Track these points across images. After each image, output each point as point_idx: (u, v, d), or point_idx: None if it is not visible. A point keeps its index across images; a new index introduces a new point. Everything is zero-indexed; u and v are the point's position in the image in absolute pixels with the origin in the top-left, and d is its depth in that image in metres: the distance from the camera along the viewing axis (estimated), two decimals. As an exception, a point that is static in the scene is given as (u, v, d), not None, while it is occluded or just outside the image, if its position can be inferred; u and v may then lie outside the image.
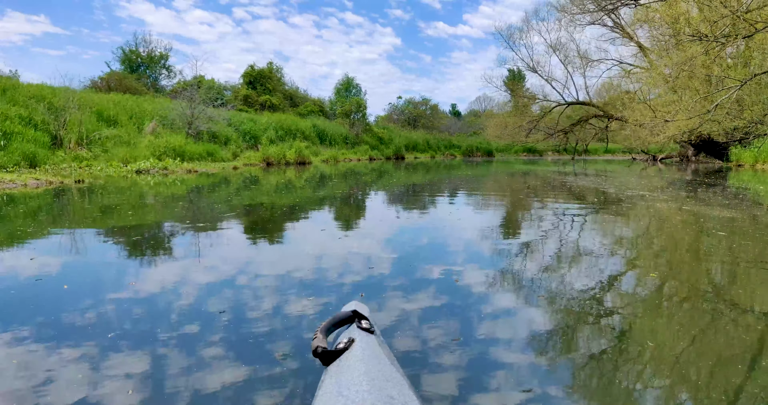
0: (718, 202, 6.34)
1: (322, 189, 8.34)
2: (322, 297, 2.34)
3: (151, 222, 4.78)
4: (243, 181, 9.55)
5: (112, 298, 2.29)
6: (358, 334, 1.38)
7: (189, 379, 1.53)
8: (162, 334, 1.88)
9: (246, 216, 5.23)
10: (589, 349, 1.81)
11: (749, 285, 2.68)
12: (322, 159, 20.64)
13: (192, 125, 15.47)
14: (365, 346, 1.28)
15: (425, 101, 43.16)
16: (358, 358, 1.18)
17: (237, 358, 1.68)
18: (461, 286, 2.57)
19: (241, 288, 2.49)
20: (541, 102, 25.02)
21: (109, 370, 1.58)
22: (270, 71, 38.89)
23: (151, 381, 1.51)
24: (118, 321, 2.01)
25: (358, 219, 5.23)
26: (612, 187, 9.13)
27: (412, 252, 3.42)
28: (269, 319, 2.05)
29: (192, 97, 15.81)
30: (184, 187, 8.39)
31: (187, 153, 13.62)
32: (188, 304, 2.23)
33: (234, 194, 7.25)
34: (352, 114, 31.75)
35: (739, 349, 1.79)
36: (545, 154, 44.51)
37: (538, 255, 3.36)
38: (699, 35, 8.70)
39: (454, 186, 10.01)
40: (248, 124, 21.41)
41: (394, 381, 1.09)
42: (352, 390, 1.01)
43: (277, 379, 1.54)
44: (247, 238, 3.98)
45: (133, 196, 6.72)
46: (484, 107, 73.08)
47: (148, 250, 3.36)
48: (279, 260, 3.14)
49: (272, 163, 16.17)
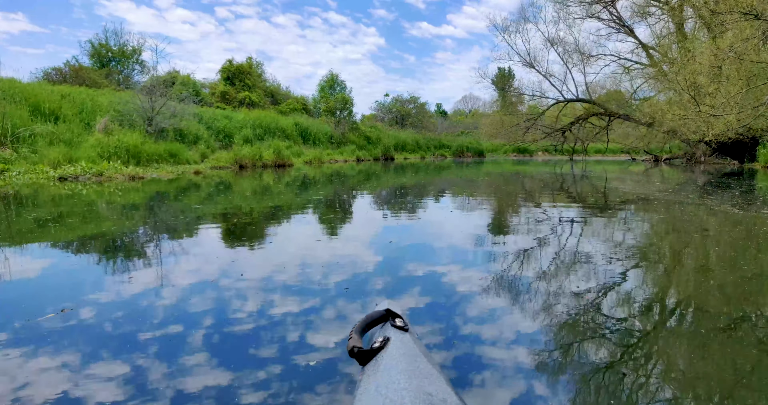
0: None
1: (310, 210, 6.47)
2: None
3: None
4: (198, 193, 7.38)
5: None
6: (393, 332, 1.39)
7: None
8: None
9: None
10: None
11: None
12: (304, 160, 18.66)
13: (152, 122, 13.39)
14: (401, 344, 1.28)
15: (413, 99, 41.45)
16: (394, 357, 1.19)
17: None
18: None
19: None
20: (538, 99, 23.48)
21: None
22: (249, 67, 36.78)
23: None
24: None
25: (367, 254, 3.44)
26: (643, 192, 7.49)
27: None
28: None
29: (152, 89, 13.72)
30: (102, 202, 6.45)
31: (143, 154, 11.57)
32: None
33: (156, 221, 4.76)
34: (338, 111, 29.85)
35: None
36: (536, 154, 43.52)
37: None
38: (754, 12, 7.20)
39: (457, 191, 8.29)
40: (222, 122, 19.34)
41: (431, 378, 1.10)
42: (390, 388, 1.01)
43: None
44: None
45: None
46: (470, 107, 72.29)
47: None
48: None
49: (246, 165, 14.11)
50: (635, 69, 23.67)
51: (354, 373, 1.45)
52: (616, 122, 23.29)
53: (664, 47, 22.37)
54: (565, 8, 23.02)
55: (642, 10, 22.34)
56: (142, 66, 36.02)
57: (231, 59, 36.41)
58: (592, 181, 11.31)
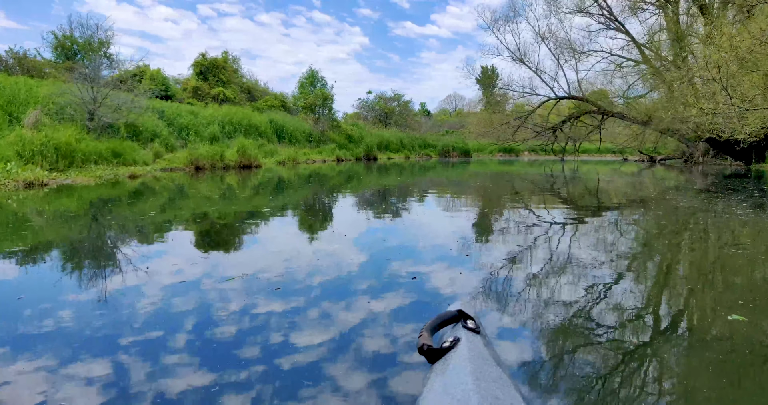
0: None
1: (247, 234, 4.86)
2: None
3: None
4: (106, 211, 5.42)
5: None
6: (464, 333, 1.38)
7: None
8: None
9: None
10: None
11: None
12: (277, 160, 16.91)
13: (94, 116, 11.52)
14: (471, 346, 1.27)
15: (397, 97, 39.93)
16: (463, 357, 1.18)
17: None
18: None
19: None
20: (528, 97, 22.21)
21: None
22: (225, 61, 34.78)
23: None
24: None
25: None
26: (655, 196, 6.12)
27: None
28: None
29: (94, 76, 11.85)
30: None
31: (78, 154, 9.75)
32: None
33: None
34: (317, 108, 28.12)
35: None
36: (521, 154, 42.74)
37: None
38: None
39: (452, 197, 6.81)
40: (186, 118, 17.49)
41: (500, 381, 1.08)
42: (457, 388, 1.00)
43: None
44: None
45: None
46: (455, 106, 71.35)
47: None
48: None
49: (203, 166, 12.28)
50: (627, 66, 22.75)
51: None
52: (608, 121, 22.25)
53: (656, 44, 21.51)
54: (555, 2, 21.92)
55: (634, 5, 21.37)
56: (110, 60, 33.97)
57: (204, 53, 34.33)
58: (594, 185, 9.97)
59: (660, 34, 22.64)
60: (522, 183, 10.67)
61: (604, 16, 22.39)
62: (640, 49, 22.03)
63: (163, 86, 30.54)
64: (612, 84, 22.80)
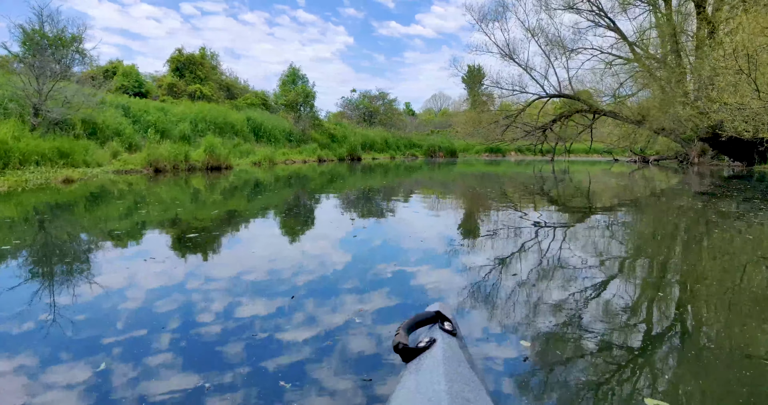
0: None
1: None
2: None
3: None
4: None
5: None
6: (440, 334, 1.36)
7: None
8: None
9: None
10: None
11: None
12: (252, 161, 15.70)
13: (39, 111, 10.22)
14: (446, 347, 1.26)
15: (382, 95, 38.89)
16: (438, 358, 1.18)
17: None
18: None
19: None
20: (518, 95, 21.42)
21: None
22: (202, 57, 33.30)
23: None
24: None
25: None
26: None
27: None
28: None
29: (41, 66, 10.54)
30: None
31: (15, 153, 8.49)
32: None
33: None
34: (299, 105, 26.89)
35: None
36: (508, 154, 42.28)
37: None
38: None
39: (438, 198, 5.83)
40: (154, 115, 16.17)
41: (472, 384, 1.08)
42: (429, 388, 1.00)
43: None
44: None
45: None
46: (440, 106, 70.73)
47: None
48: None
49: (164, 168, 11.02)
50: (617, 64, 22.20)
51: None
52: (598, 121, 21.63)
53: (646, 42, 21.01)
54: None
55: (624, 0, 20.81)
56: (82, 55, 32.36)
57: (180, 48, 32.78)
58: (604, 191, 9.11)
59: (650, 32, 22.26)
60: (513, 185, 9.76)
61: (593, 13, 21.86)
62: (631, 47, 21.53)
63: (136, 82, 29.07)
64: (602, 82, 22.28)
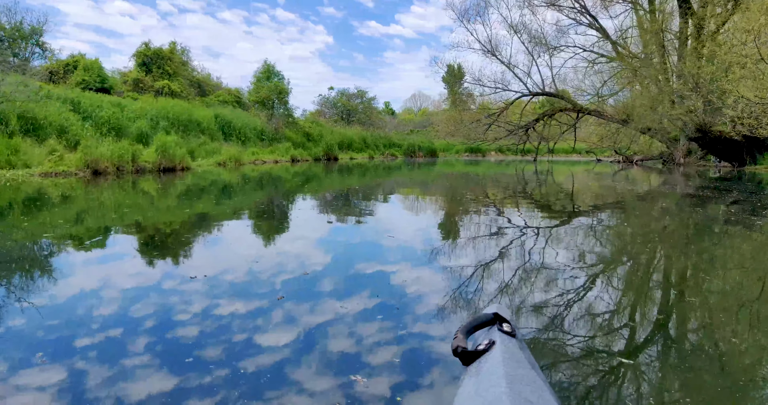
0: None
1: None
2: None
3: None
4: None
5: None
6: (499, 336, 1.36)
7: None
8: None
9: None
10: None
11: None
12: (217, 161, 14.45)
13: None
14: (506, 349, 1.26)
15: (361, 93, 37.83)
16: (498, 360, 1.17)
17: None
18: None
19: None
20: (500, 92, 20.73)
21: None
22: (171, 52, 31.54)
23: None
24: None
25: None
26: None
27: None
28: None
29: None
30: None
31: None
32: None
33: None
34: (272, 103, 25.60)
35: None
36: (488, 154, 41.88)
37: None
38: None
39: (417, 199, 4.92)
40: (108, 111, 14.74)
41: (534, 385, 1.06)
42: (490, 391, 1.00)
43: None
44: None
45: None
46: (420, 106, 70.16)
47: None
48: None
49: (105, 170, 9.67)
50: (600, 62, 21.82)
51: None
52: (581, 120, 21.16)
53: (627, 41, 20.68)
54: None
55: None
56: (43, 49, 30.43)
57: (147, 42, 30.94)
58: (597, 194, 8.32)
59: (631, 31, 21.98)
60: (495, 187, 8.89)
61: (575, 10, 21.42)
62: (614, 45, 21.18)
63: (98, 77, 27.31)
64: (584, 81, 21.84)
